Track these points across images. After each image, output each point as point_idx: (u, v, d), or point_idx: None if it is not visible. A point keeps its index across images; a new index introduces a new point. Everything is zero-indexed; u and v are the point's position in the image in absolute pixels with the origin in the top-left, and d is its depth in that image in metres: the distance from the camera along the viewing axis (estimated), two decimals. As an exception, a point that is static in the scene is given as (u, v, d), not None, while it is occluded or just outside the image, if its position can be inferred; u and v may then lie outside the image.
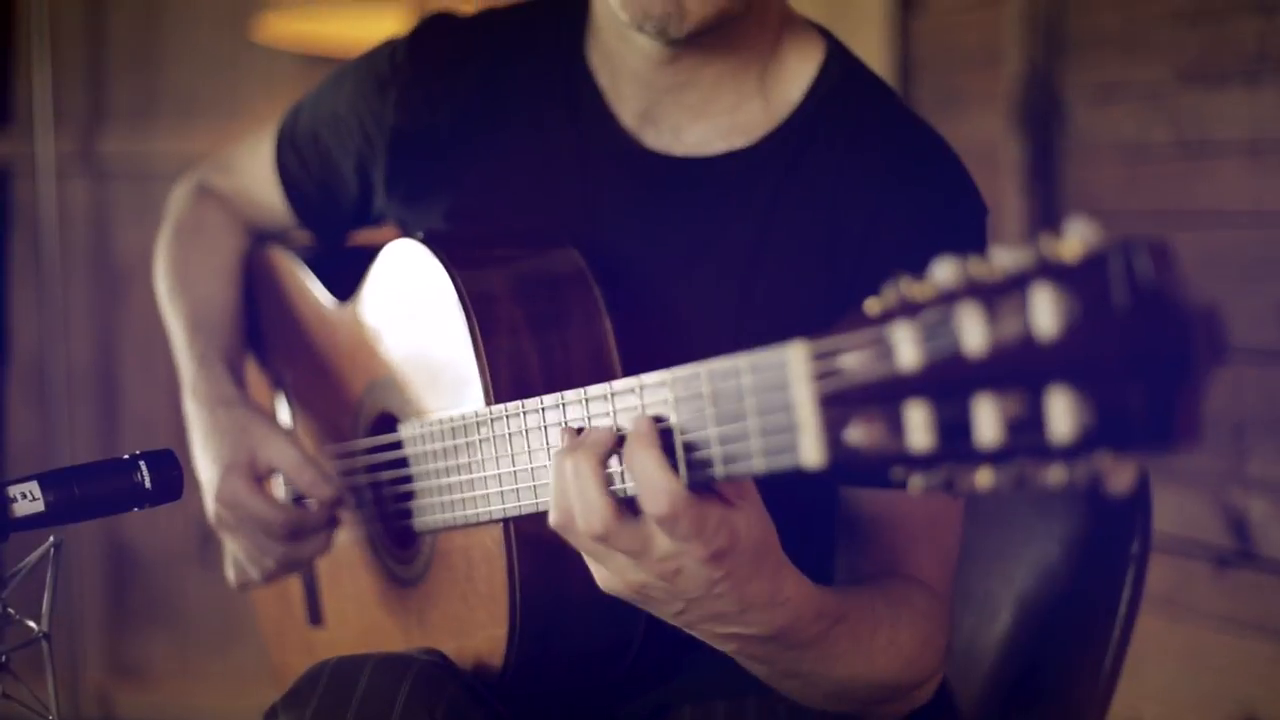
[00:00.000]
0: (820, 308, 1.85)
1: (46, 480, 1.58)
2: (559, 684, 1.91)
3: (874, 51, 3.87)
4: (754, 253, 1.91)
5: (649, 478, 1.41)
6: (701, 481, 1.41)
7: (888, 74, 3.89)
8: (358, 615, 2.14)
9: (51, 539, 1.67)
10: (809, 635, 1.58)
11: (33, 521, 1.58)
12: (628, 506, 1.47)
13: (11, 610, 1.64)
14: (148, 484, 1.65)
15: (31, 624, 1.66)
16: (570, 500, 1.48)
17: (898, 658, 1.71)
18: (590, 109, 2.00)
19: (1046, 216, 3.45)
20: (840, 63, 1.97)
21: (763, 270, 1.90)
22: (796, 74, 1.96)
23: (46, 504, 1.58)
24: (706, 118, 1.96)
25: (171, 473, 1.69)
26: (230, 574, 2.16)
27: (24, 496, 1.57)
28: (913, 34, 3.93)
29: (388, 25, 3.71)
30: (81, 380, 4.48)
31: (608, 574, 1.52)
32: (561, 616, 1.83)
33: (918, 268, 1.17)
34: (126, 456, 1.67)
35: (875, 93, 1.99)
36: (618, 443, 1.47)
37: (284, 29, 3.95)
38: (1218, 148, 3.11)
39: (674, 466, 1.42)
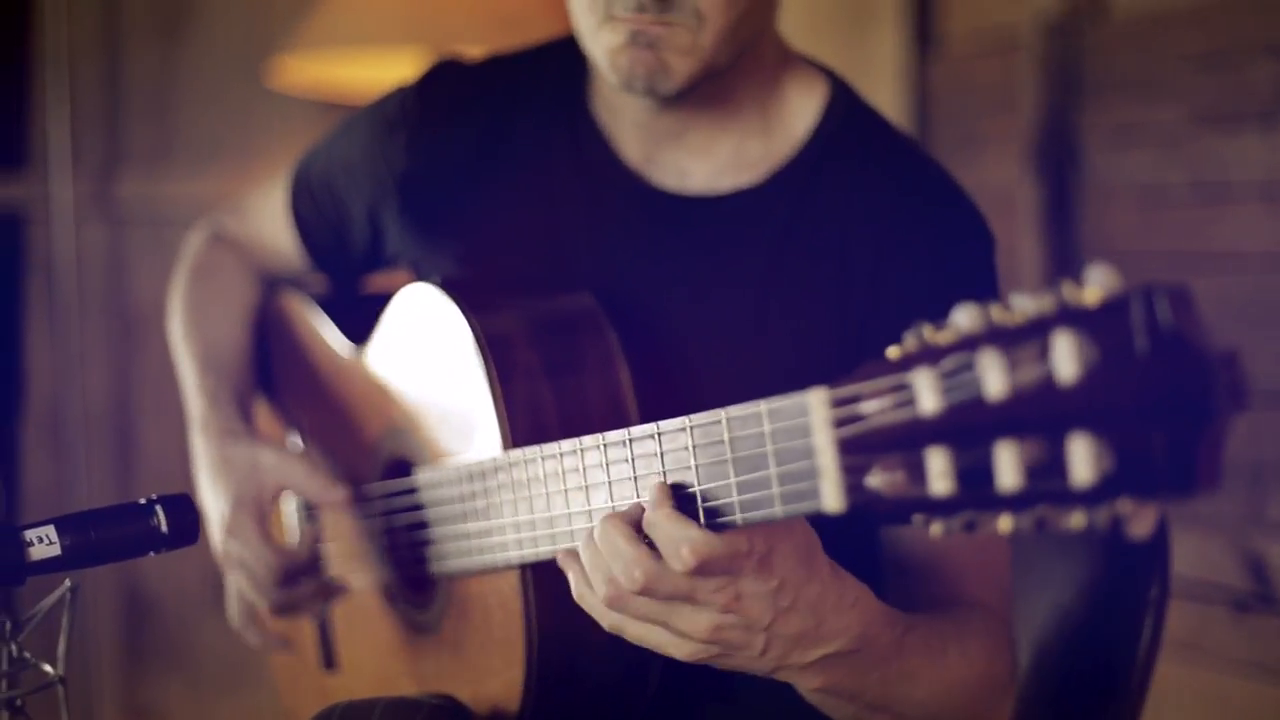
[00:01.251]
0: (833, 344, 1.85)
1: (63, 524, 1.58)
2: None
3: (890, 95, 3.87)
4: (765, 289, 1.91)
5: (666, 534, 1.40)
6: (720, 527, 1.41)
7: (903, 117, 3.89)
8: (373, 661, 2.14)
9: (67, 583, 1.67)
10: (886, 643, 1.56)
11: (49, 565, 1.58)
12: None
13: (27, 654, 1.64)
14: (164, 528, 1.65)
15: (47, 667, 1.66)
16: (609, 567, 1.46)
17: (972, 670, 1.70)
18: (594, 151, 2.01)
19: (1063, 259, 3.45)
20: (844, 99, 1.98)
21: (774, 307, 1.90)
22: (800, 110, 1.97)
23: (63, 548, 1.58)
24: (710, 157, 1.97)
25: (188, 517, 1.69)
26: (233, 615, 2.17)
27: (40, 540, 1.57)
28: (928, 78, 3.94)
29: (402, 70, 3.71)
30: (97, 424, 4.48)
31: (678, 640, 1.49)
32: (578, 662, 1.82)
33: (928, 300, 1.18)
34: (143, 501, 1.67)
35: (880, 128, 1.99)
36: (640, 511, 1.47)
37: (299, 74, 3.96)
38: (1234, 190, 3.11)
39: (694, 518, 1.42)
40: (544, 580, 1.77)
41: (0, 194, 4.50)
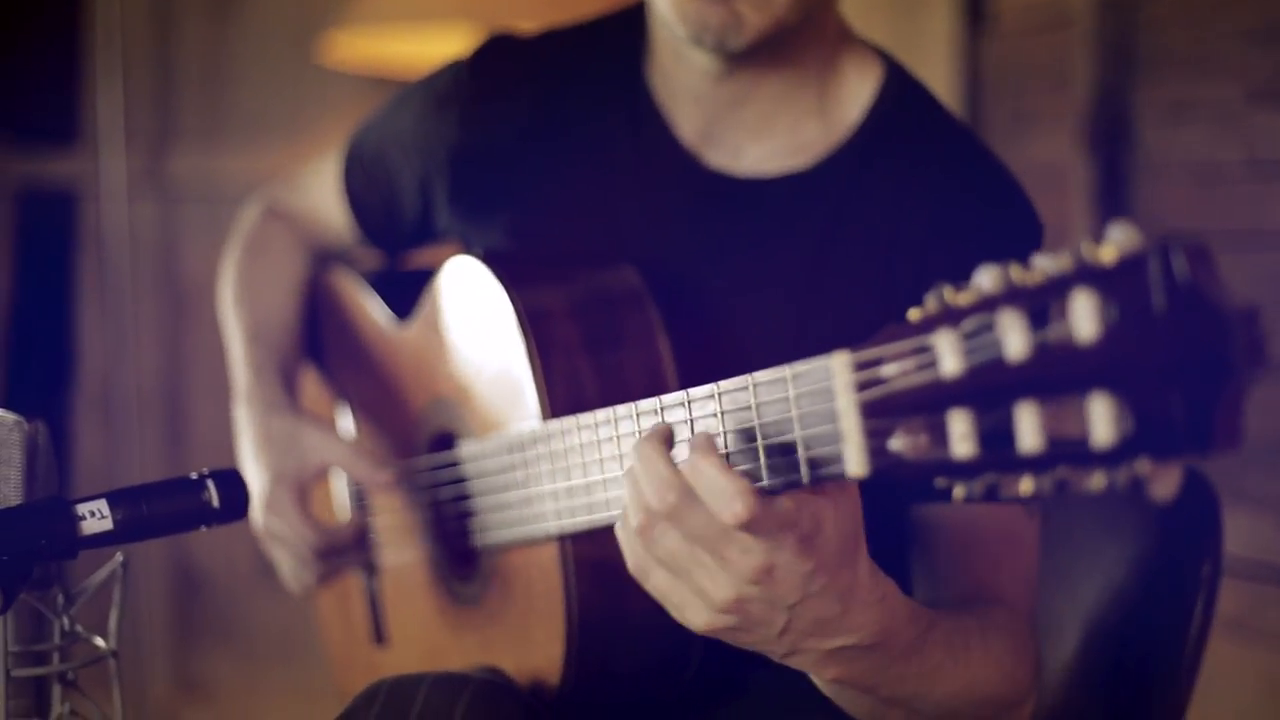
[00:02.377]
0: (877, 329, 1.84)
1: (115, 499, 1.59)
2: (616, 702, 1.91)
3: (942, 73, 3.86)
4: (812, 273, 1.91)
5: (717, 485, 1.37)
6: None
7: (956, 95, 3.87)
8: (421, 635, 2.15)
9: (119, 557, 1.67)
10: (908, 640, 1.53)
11: (100, 540, 1.59)
12: None
13: (79, 628, 1.65)
14: (215, 503, 1.65)
15: (99, 641, 1.67)
16: (642, 489, 1.42)
17: (995, 669, 1.68)
18: (650, 127, 2.01)
19: (1115, 237, 3.43)
20: (899, 83, 1.97)
21: (821, 291, 1.90)
22: (855, 93, 1.96)
23: (114, 522, 1.58)
24: (765, 137, 1.96)
25: (238, 492, 1.69)
26: (287, 580, 2.19)
27: (92, 515, 1.57)
28: (981, 55, 3.92)
29: (453, 46, 3.71)
30: (149, 400, 4.51)
31: (698, 603, 1.45)
32: (618, 633, 1.82)
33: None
34: (194, 475, 1.67)
35: (934, 114, 1.98)
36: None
37: (350, 50, 3.96)
38: (1289, 168, 3.09)
39: None
40: (583, 551, 1.78)
41: (52, 170, 4.53)
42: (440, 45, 3.77)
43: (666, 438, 1.44)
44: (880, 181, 1.92)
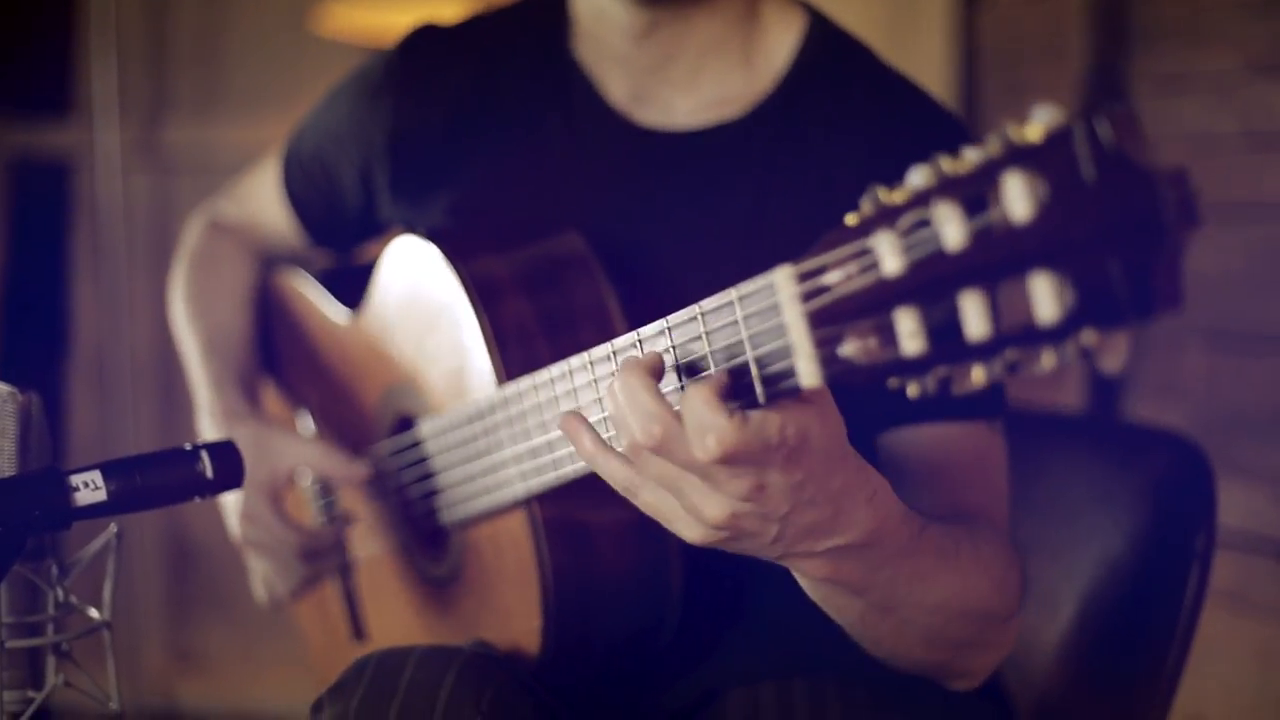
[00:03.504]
0: None
1: (109, 469, 1.59)
2: (599, 666, 1.91)
3: (938, 44, 3.86)
4: (753, 220, 1.93)
5: (695, 419, 1.35)
6: None
7: (952, 67, 3.87)
8: (399, 623, 2.15)
9: (113, 528, 1.68)
10: (900, 540, 1.53)
11: (94, 510, 1.59)
12: None
13: (73, 598, 1.65)
14: (209, 474, 1.65)
15: (93, 612, 1.67)
16: (627, 418, 1.41)
17: (985, 577, 1.68)
18: (579, 94, 2.04)
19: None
20: (822, 30, 2.00)
21: (763, 236, 1.92)
22: (779, 42, 1.99)
23: (108, 493, 1.58)
24: (693, 90, 1.99)
25: (233, 463, 1.69)
26: (259, 591, 2.18)
27: (86, 485, 1.57)
28: (977, 26, 3.92)
29: (445, 15, 3.71)
30: (143, 371, 4.50)
31: (689, 519, 1.43)
32: (594, 593, 1.83)
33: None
34: (188, 446, 1.67)
35: (859, 56, 2.01)
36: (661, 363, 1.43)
37: (346, 19, 3.96)
38: (1285, 140, 3.09)
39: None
40: (552, 514, 1.78)
41: (48, 142, 4.52)
42: (436, 15, 3.76)
43: (653, 369, 1.42)
44: (812, 124, 1.94)
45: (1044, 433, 1.84)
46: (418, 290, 1.93)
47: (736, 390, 1.36)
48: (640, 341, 1.46)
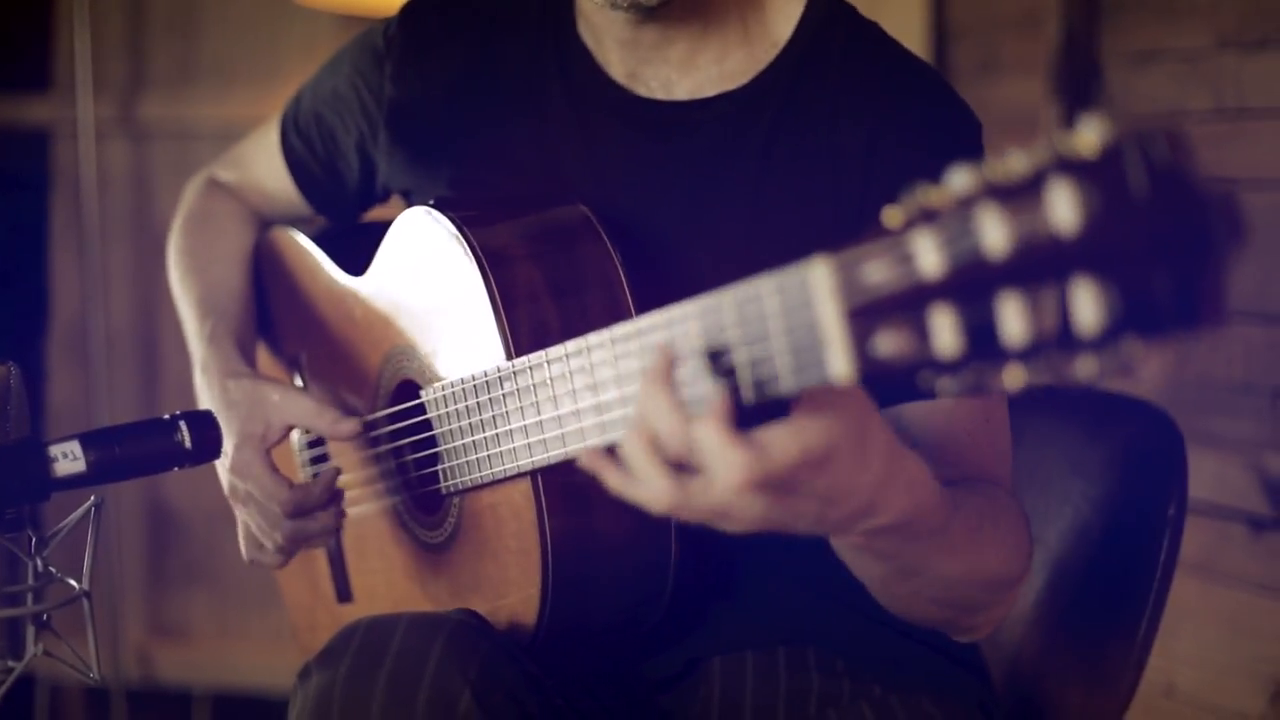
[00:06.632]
0: (828, 235, 1.85)
1: (87, 440, 1.60)
2: (593, 636, 1.93)
3: (912, 18, 3.86)
4: (758, 187, 1.93)
5: (711, 456, 1.36)
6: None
7: (926, 40, 3.88)
8: (387, 588, 2.15)
9: (92, 498, 1.69)
10: (935, 521, 1.54)
11: (74, 481, 1.60)
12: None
13: (53, 569, 1.66)
14: (188, 444, 1.67)
15: (72, 582, 1.68)
16: (651, 423, 1.41)
17: (1001, 547, 1.71)
18: (581, 68, 2.03)
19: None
20: (824, 3, 1.99)
21: (768, 204, 1.92)
22: (780, 17, 1.98)
23: (87, 463, 1.59)
24: (694, 70, 1.99)
25: (211, 433, 1.71)
26: (243, 548, 2.18)
27: (65, 456, 1.59)
28: (951, 2, 3.92)
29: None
30: (122, 342, 4.50)
31: (725, 525, 1.43)
32: (593, 564, 1.83)
33: (922, 181, 1.18)
34: (167, 417, 1.68)
35: (863, 28, 2.01)
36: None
37: (323, -8, 3.94)
38: (1257, 114, 3.10)
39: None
40: (555, 484, 1.78)
41: (25, 114, 4.52)
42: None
43: (667, 371, 1.41)
44: (816, 92, 1.94)
45: (1014, 401, 1.85)
46: (427, 258, 1.93)
47: (761, 381, 1.35)
48: (670, 323, 1.43)
